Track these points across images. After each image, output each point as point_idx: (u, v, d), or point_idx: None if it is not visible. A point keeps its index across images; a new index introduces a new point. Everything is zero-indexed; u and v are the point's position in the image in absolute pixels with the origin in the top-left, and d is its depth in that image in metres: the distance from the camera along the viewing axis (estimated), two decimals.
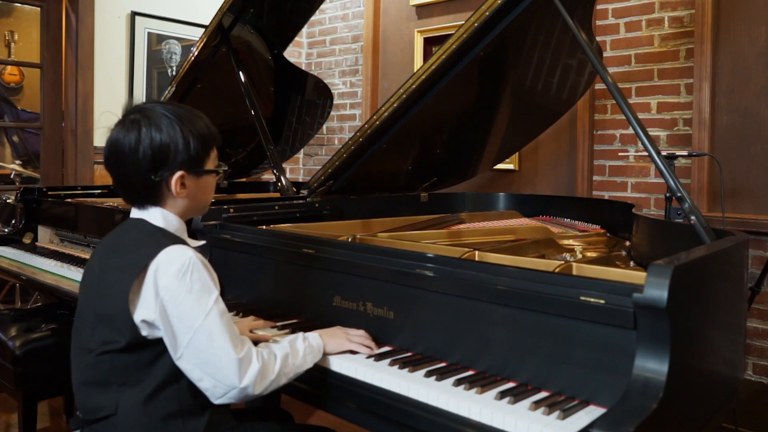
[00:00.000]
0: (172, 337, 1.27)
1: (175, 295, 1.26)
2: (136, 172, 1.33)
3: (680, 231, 1.69)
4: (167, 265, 1.27)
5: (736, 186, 2.90)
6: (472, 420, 1.20)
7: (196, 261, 1.29)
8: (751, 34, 2.86)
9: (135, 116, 1.35)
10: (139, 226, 1.39)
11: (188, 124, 1.36)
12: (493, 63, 2.31)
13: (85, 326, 1.36)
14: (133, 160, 1.32)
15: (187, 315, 1.26)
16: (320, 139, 4.68)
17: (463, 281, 1.42)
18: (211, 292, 1.29)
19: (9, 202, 3.58)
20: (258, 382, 1.29)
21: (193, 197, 1.40)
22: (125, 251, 1.34)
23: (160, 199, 1.38)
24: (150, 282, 1.27)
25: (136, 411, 1.29)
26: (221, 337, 1.27)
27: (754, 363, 2.81)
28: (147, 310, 1.28)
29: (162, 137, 1.32)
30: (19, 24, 5.66)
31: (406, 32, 4.18)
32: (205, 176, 1.41)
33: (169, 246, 1.30)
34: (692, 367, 1.25)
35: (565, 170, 3.48)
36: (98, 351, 1.30)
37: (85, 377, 1.34)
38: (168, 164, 1.34)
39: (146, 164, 1.32)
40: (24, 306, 3.80)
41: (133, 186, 1.36)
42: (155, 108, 1.36)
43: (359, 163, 2.43)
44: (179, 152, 1.34)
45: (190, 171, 1.37)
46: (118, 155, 1.34)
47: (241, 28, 2.96)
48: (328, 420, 2.07)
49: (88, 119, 3.82)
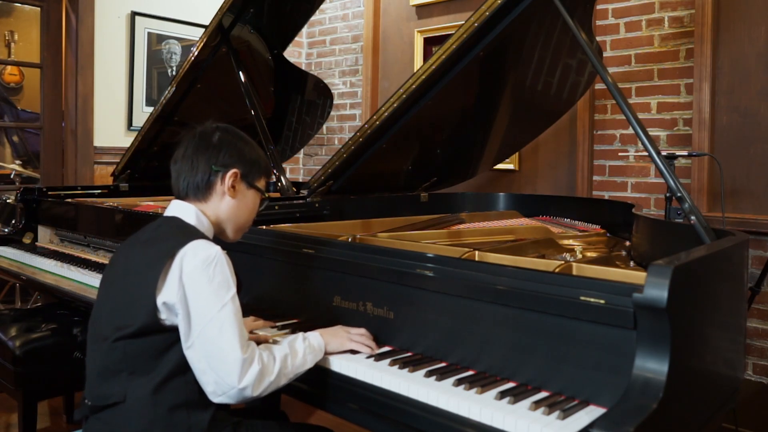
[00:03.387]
0: (187, 324, 1.32)
1: (197, 283, 1.33)
2: (200, 163, 1.47)
3: (680, 231, 1.69)
4: (194, 254, 1.35)
5: (736, 186, 2.90)
6: (472, 420, 1.20)
7: (221, 256, 1.37)
8: (751, 34, 2.86)
9: (215, 128, 1.53)
10: (171, 222, 1.47)
11: (256, 148, 1.57)
12: (493, 63, 2.31)
13: (103, 314, 1.41)
14: (201, 154, 1.48)
15: (204, 304, 1.32)
16: (320, 139, 4.68)
17: (463, 281, 1.42)
18: (230, 288, 1.36)
19: (9, 202, 3.58)
20: (257, 383, 1.31)
21: (236, 204, 1.51)
22: (155, 242, 1.42)
23: (208, 195, 1.49)
24: (176, 268, 1.34)
25: (144, 400, 1.32)
26: (231, 333, 1.31)
27: (754, 363, 2.81)
28: (170, 293, 1.33)
29: (230, 142, 1.51)
30: (19, 24, 5.66)
31: (406, 32, 4.18)
32: (252, 190, 1.54)
33: (198, 239, 1.38)
34: (692, 367, 1.25)
35: (565, 170, 3.48)
36: (112, 338, 1.35)
37: (98, 365, 1.38)
38: (229, 162, 1.48)
39: (213, 157, 1.47)
40: (24, 306, 3.81)
41: (191, 175, 1.48)
42: (231, 126, 1.56)
43: (359, 163, 2.43)
44: (242, 158, 1.51)
45: (243, 176, 1.51)
46: (187, 149, 1.49)
47: (241, 28, 2.96)
48: (327, 420, 2.06)
49: (88, 119, 3.82)
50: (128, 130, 3.98)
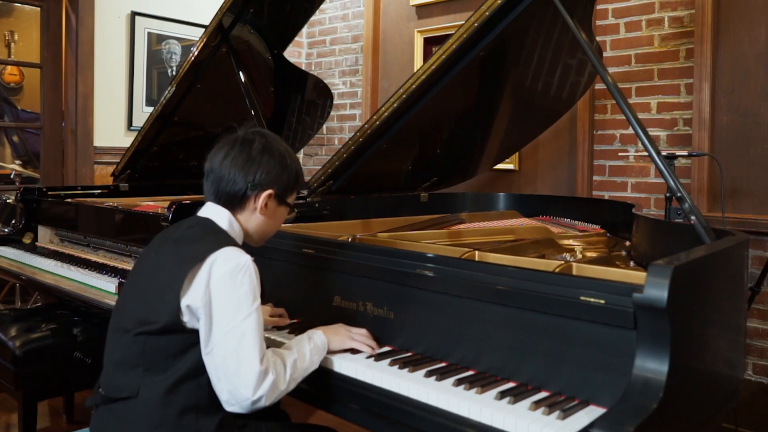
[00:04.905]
0: (208, 330, 1.33)
1: (223, 290, 1.34)
2: (237, 178, 1.46)
3: (680, 231, 1.69)
4: (224, 261, 1.35)
5: (736, 186, 2.90)
6: (472, 420, 1.20)
7: (250, 266, 1.38)
8: (751, 34, 2.86)
9: (253, 134, 1.51)
10: (204, 224, 1.48)
11: (295, 161, 1.55)
12: (493, 63, 2.31)
13: (128, 306, 1.42)
14: (240, 167, 1.46)
15: (228, 313, 1.33)
16: (320, 139, 4.68)
17: (463, 281, 1.42)
18: (255, 299, 1.37)
19: (9, 202, 3.59)
20: (270, 394, 1.33)
21: (266, 220, 1.52)
22: (187, 242, 1.43)
23: (241, 208, 1.50)
24: (205, 272, 1.35)
25: (156, 399, 1.33)
26: (251, 344, 1.32)
27: (754, 363, 2.81)
28: (195, 297, 1.34)
29: (270, 158, 1.49)
30: (19, 24, 5.65)
31: (406, 32, 4.18)
32: (283, 206, 1.55)
33: (230, 246, 1.39)
34: (692, 367, 1.25)
35: (565, 170, 3.48)
36: (135, 331, 1.36)
37: (116, 356, 1.40)
38: (266, 181, 1.48)
39: (251, 174, 1.46)
40: (24, 306, 3.80)
41: (227, 188, 1.47)
42: (271, 133, 1.55)
43: (359, 163, 2.43)
44: (278, 175, 1.50)
45: (277, 195, 1.51)
46: (227, 158, 1.47)
47: (241, 28, 2.96)
48: (328, 420, 2.06)
49: (88, 119, 3.82)
50: (128, 130, 3.98)
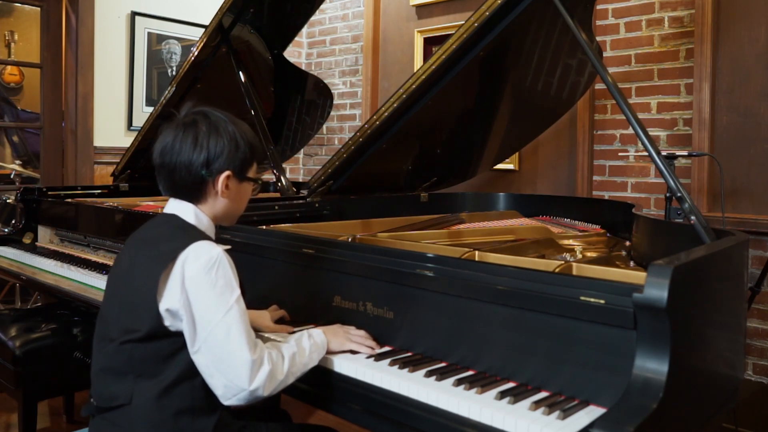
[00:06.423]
0: (192, 330, 1.31)
1: (200, 287, 1.31)
2: (189, 166, 1.39)
3: (680, 231, 1.69)
4: (195, 257, 1.32)
5: (736, 186, 2.90)
6: (472, 420, 1.20)
7: (223, 258, 1.34)
8: (751, 34, 2.86)
9: (195, 116, 1.43)
10: (171, 221, 1.44)
11: (246, 132, 1.47)
12: (493, 63, 2.31)
13: (111, 314, 1.40)
14: (188, 154, 1.39)
15: (209, 309, 1.30)
16: (320, 139, 4.67)
17: (463, 281, 1.42)
18: (234, 290, 1.34)
19: (9, 202, 3.59)
20: (268, 383, 1.32)
21: (231, 201, 1.47)
22: (156, 243, 1.40)
23: (202, 197, 1.44)
24: (178, 272, 1.32)
25: (150, 404, 1.32)
26: (238, 336, 1.30)
27: (754, 363, 2.81)
28: (172, 300, 1.31)
29: (219, 138, 1.41)
30: (19, 24, 5.65)
31: (406, 32, 4.18)
32: (245, 183, 1.48)
33: (199, 240, 1.35)
34: (692, 367, 1.25)
35: (565, 170, 3.48)
36: (120, 340, 1.34)
37: (104, 365, 1.38)
38: (219, 163, 1.41)
39: (200, 160, 1.39)
40: (24, 306, 3.81)
41: (182, 179, 1.41)
42: (214, 111, 1.45)
43: (359, 163, 2.43)
44: (231, 154, 1.42)
45: (236, 174, 1.44)
46: (173, 149, 1.40)
47: (241, 28, 2.96)
48: (327, 420, 2.06)
49: (88, 119, 3.82)
50: (128, 130, 3.98)
